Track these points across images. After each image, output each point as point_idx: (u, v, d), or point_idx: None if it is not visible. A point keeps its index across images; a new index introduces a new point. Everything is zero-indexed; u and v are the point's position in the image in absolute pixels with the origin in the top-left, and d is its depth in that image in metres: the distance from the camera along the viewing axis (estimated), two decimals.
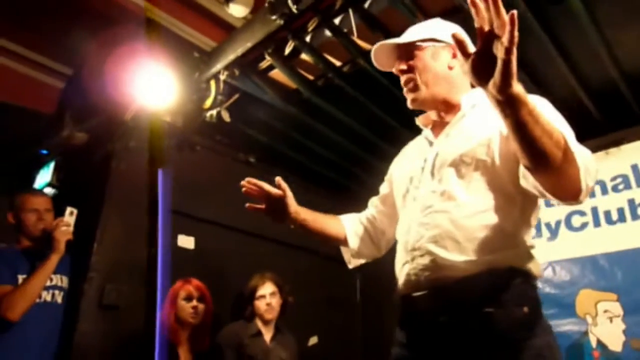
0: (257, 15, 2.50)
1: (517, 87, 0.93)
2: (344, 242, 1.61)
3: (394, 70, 1.42)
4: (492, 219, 1.18)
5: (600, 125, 2.97)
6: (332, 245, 1.66)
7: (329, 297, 3.39)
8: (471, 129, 1.28)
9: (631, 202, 2.81)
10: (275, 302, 2.74)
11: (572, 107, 2.85)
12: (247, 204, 1.53)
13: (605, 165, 2.96)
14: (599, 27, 2.26)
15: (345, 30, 2.42)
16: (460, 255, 1.16)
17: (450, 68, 1.36)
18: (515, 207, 1.20)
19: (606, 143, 2.98)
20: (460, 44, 0.95)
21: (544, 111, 1.01)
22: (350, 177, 3.63)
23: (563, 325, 2.84)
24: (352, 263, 1.64)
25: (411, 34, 1.41)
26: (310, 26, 2.38)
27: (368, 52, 1.54)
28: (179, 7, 2.97)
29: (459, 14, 2.17)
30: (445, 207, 1.22)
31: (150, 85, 2.70)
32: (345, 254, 1.65)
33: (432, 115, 1.43)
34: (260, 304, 2.71)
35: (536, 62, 2.55)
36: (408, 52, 1.38)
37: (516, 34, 0.88)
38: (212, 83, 2.80)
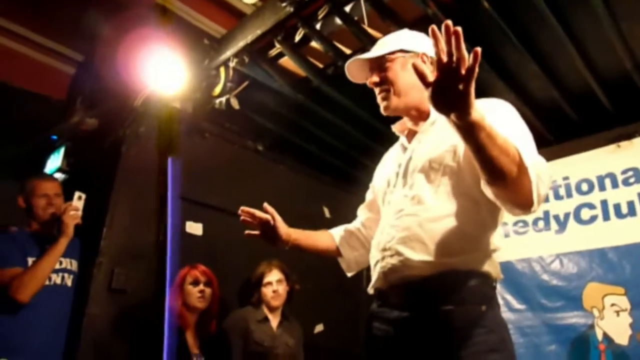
0: (267, 2, 2.48)
1: (475, 114, 0.98)
2: (338, 254, 1.70)
3: (367, 82, 1.47)
4: (457, 222, 1.26)
5: (613, 117, 2.93)
6: (328, 257, 1.73)
7: (335, 285, 3.40)
8: (440, 135, 1.35)
9: None
10: (282, 289, 2.77)
11: (585, 99, 2.83)
12: (246, 232, 1.63)
13: (616, 158, 2.93)
14: (615, 19, 2.22)
15: (355, 18, 2.40)
16: (426, 257, 1.24)
17: None
18: (481, 210, 1.27)
19: (618, 136, 2.95)
20: (420, 75, 0.99)
21: (505, 122, 1.13)
22: (358, 166, 3.62)
23: (569, 318, 2.83)
24: (350, 272, 1.72)
25: (380, 47, 1.47)
26: (321, 14, 2.36)
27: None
28: None
29: (472, 5, 2.15)
30: (414, 211, 1.30)
31: (160, 72, 2.70)
32: (342, 264, 1.72)
33: (407, 122, 1.50)
34: (267, 291, 2.74)
35: (551, 53, 2.52)
36: (379, 64, 1.44)
37: (476, 69, 0.93)
38: (222, 70, 2.80)
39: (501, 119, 1.14)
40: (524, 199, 1.08)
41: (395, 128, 1.56)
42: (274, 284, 2.75)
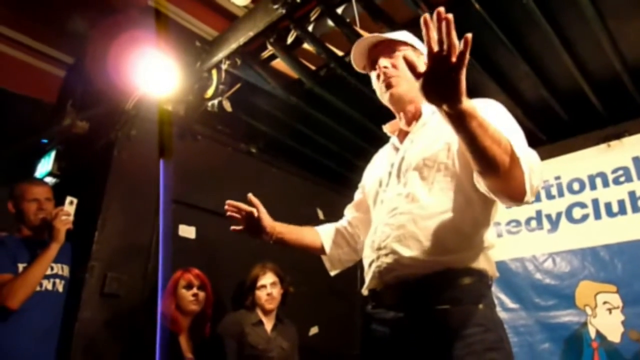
0: (259, 4, 2.48)
1: (467, 103, 0.97)
2: (322, 251, 1.69)
3: (376, 66, 1.45)
4: (451, 219, 1.26)
5: (603, 117, 2.96)
6: (312, 254, 1.72)
7: (330, 287, 3.40)
8: (433, 134, 1.36)
9: (632, 194, 2.80)
10: (276, 292, 2.76)
11: (575, 99, 2.85)
12: (231, 227, 1.66)
13: (606, 158, 2.96)
14: (603, 19, 2.24)
15: (347, 19, 2.40)
16: (421, 255, 1.24)
17: None
18: (474, 207, 1.28)
19: (608, 135, 2.98)
20: (410, 66, 0.99)
21: (496, 117, 1.13)
22: (351, 168, 3.62)
23: (563, 317, 2.85)
24: (333, 270, 1.71)
25: (393, 35, 1.47)
26: (313, 15, 2.36)
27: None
28: None
29: (463, 6, 2.16)
30: (409, 209, 1.30)
31: (152, 74, 2.68)
32: (326, 262, 1.71)
33: (399, 122, 1.50)
34: (261, 294, 2.73)
35: (541, 54, 2.54)
36: (391, 50, 1.44)
37: (467, 55, 0.92)
38: (214, 72, 2.79)
39: (492, 114, 1.14)
40: (517, 190, 1.08)
41: (387, 129, 1.56)
42: (268, 286, 2.74)
